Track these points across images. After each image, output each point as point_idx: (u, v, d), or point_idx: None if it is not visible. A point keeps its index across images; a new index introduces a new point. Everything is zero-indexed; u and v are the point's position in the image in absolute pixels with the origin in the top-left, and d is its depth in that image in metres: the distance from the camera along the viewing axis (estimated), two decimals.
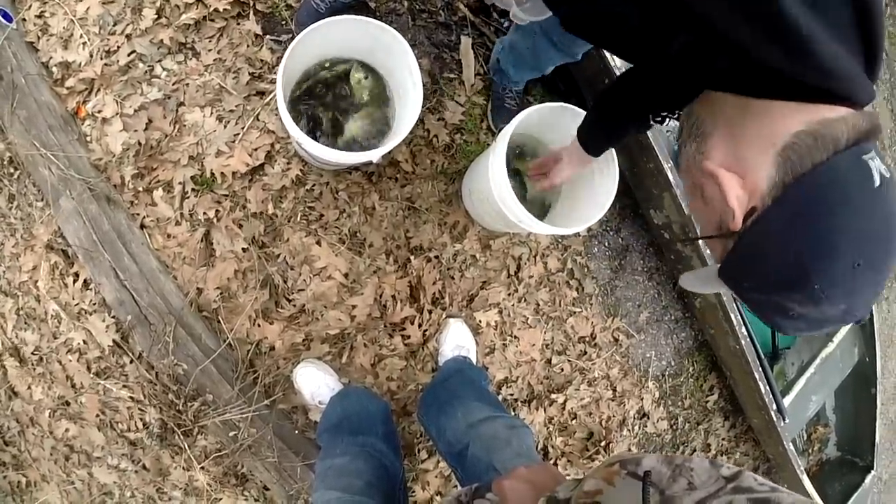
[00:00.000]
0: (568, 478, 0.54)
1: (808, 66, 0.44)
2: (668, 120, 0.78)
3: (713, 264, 0.55)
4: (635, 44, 0.61)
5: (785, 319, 0.50)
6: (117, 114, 1.32)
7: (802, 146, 0.45)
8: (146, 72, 1.34)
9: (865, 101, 0.47)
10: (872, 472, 2.00)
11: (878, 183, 0.45)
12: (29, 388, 1.41)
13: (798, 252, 0.46)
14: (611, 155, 1.15)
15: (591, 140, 0.97)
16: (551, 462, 1.66)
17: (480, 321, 1.55)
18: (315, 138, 1.24)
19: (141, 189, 1.34)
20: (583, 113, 1.15)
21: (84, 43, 1.31)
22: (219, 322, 1.37)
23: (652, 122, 0.80)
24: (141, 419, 1.39)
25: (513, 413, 1.61)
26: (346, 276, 1.43)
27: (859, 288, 0.46)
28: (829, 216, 0.45)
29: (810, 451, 2.13)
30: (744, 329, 1.56)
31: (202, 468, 1.40)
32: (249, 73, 1.37)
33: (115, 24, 1.33)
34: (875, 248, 0.46)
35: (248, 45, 1.37)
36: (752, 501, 0.33)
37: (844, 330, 1.83)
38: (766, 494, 0.34)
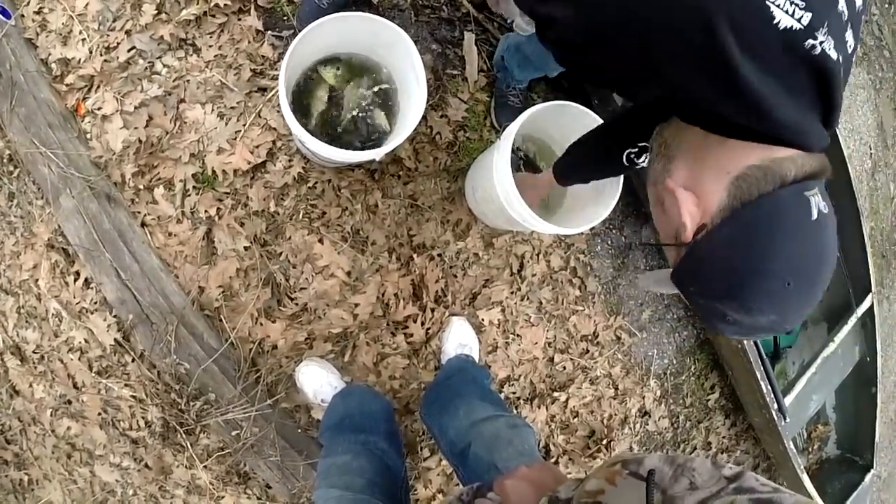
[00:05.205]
0: (569, 477, 0.54)
1: (761, 119, 0.50)
2: (641, 158, 0.82)
3: (668, 268, 0.63)
4: (612, 87, 0.74)
5: (721, 323, 0.58)
6: (117, 111, 1.31)
7: (752, 178, 0.53)
8: (146, 68, 1.33)
9: (816, 147, 0.53)
10: (872, 471, 2.00)
11: (815, 216, 0.52)
12: (30, 386, 1.40)
13: (736, 268, 0.53)
14: None
15: (567, 177, 1.06)
16: (553, 461, 1.67)
17: (483, 319, 1.54)
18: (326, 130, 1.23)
19: (142, 187, 1.33)
20: (586, 111, 1.15)
21: (83, 39, 1.30)
22: (221, 321, 1.36)
23: (626, 162, 0.85)
24: (143, 418, 1.39)
25: (515, 411, 1.61)
26: (348, 274, 1.42)
27: (788, 304, 0.54)
28: (766, 240, 0.52)
29: (810, 449, 2.13)
30: None
31: (205, 467, 1.40)
32: (251, 70, 1.36)
33: (114, 20, 1.31)
34: (805, 271, 0.53)
35: (249, 41, 1.36)
36: (754, 502, 0.33)
37: (845, 330, 1.83)
38: (769, 495, 0.34)
